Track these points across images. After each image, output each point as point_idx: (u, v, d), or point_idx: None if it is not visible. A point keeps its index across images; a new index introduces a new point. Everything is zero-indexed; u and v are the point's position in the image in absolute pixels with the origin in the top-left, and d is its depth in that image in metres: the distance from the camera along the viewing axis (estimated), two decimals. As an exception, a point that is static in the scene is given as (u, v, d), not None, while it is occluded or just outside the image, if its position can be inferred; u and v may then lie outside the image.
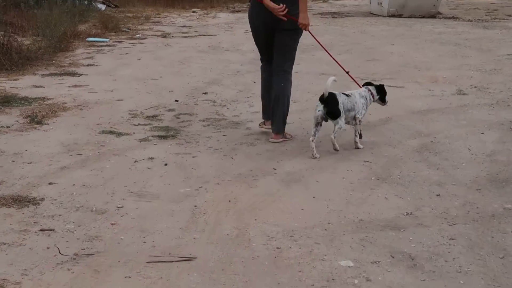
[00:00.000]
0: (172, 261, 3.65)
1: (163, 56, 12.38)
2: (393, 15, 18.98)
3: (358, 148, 5.82)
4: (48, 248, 3.77)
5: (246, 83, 9.35)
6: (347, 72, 6.23)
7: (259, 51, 6.31)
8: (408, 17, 18.87)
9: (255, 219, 4.27)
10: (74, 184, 4.86)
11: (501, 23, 17.52)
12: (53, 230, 4.04)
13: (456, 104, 7.81)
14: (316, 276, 3.52)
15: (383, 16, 19.18)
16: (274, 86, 6.07)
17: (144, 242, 3.90)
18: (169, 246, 3.84)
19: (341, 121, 5.58)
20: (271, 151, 5.83)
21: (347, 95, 5.78)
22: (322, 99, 5.58)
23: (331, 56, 6.57)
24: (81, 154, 5.67)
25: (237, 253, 3.77)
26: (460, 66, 10.53)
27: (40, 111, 7.30)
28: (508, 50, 12.27)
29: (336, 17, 19.12)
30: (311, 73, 9.94)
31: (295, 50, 6.11)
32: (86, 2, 18.85)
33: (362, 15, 20.02)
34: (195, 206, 4.50)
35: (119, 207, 4.40)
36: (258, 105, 7.56)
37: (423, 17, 18.93)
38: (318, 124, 5.61)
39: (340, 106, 5.60)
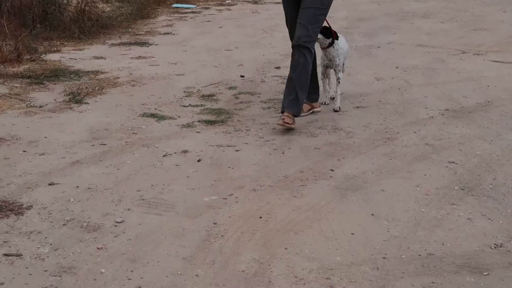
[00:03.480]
0: (155, 313, 2.64)
1: (247, 24, 11.38)
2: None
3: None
4: (2, 284, 2.84)
5: (328, 56, 8.18)
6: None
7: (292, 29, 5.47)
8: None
9: (286, 248, 3.21)
10: (77, 186, 3.96)
11: None
12: (21, 255, 3.13)
13: None
14: None
15: (499, -22, 17.40)
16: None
17: (129, 279, 2.93)
18: (159, 287, 2.83)
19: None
20: (334, 145, 4.73)
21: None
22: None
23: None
24: (105, 144, 4.75)
25: (246, 303, 2.73)
26: None
27: (86, 88, 6.48)
28: None
29: (446, -20, 17.46)
30: (406, 44, 8.67)
31: None
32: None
33: (475, -22, 18.23)
34: (214, 224, 3.48)
35: (118, 222, 3.45)
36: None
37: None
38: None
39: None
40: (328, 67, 5.77)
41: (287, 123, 4.96)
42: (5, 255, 3.13)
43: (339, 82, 5.64)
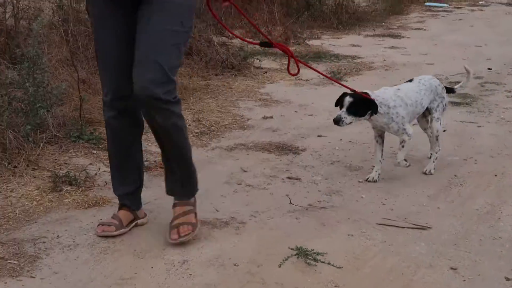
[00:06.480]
0: (404, 227, 3.41)
1: (498, 24, 11.72)
2: None
3: None
4: (287, 195, 3.78)
5: None
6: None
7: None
8: None
9: (517, 198, 3.80)
10: (341, 139, 4.82)
11: None
12: (299, 179, 4.05)
13: None
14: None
15: None
16: None
17: (383, 204, 3.72)
18: (408, 212, 3.61)
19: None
20: None
21: None
22: None
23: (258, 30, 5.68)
24: (363, 112, 5.58)
25: (478, 230, 3.41)
26: None
27: (344, 69, 7.38)
28: None
29: None
30: None
31: None
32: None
33: None
34: (455, 175, 4.17)
35: (373, 166, 4.23)
36: None
37: None
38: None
39: None
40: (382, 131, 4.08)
41: (185, 235, 3.11)
42: (288, 178, 4.06)
43: (402, 146, 4.02)
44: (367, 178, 4.03)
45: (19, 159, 3.93)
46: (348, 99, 3.77)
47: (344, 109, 3.77)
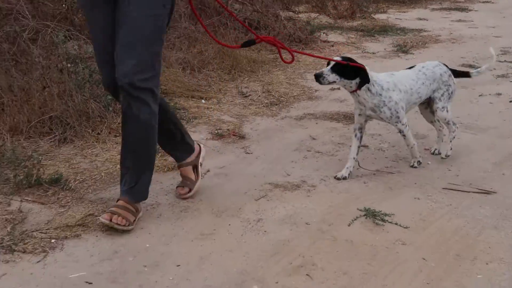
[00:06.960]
0: (469, 192, 3.54)
1: None
2: None
3: None
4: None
5: None
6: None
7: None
8: None
9: None
10: (408, 110, 4.91)
11: None
12: (367, 146, 4.20)
13: None
14: None
15: None
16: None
17: (449, 170, 3.84)
18: (473, 178, 3.72)
19: None
20: None
21: None
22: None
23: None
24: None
25: (542, 194, 3.50)
26: None
27: (411, 42, 7.45)
28: None
29: None
30: None
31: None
32: None
33: None
34: (521, 143, 4.25)
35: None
36: None
37: None
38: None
39: None
40: (369, 118, 3.77)
41: (117, 223, 2.98)
42: (362, 146, 4.21)
43: (404, 135, 3.80)
44: (336, 176, 3.71)
45: (102, 127, 4.17)
46: (336, 58, 3.54)
47: (329, 67, 3.50)
